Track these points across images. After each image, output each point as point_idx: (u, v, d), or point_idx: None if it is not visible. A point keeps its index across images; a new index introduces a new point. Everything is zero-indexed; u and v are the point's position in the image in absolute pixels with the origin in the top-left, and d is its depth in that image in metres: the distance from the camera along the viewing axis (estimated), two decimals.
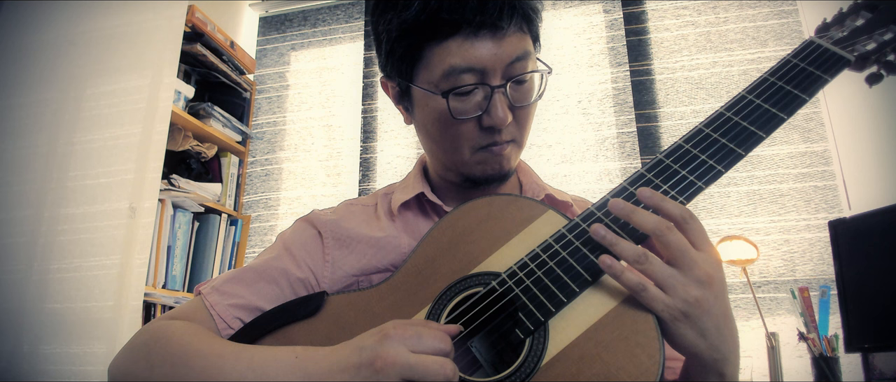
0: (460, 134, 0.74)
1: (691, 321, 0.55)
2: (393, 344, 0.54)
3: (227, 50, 2.28)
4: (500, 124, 0.71)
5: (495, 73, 0.71)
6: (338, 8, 2.62)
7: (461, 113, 0.72)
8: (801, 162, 1.94)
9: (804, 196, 1.91)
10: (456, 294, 0.64)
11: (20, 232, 1.74)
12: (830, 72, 0.64)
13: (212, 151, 2.22)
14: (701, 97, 2.10)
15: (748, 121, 0.63)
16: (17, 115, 1.84)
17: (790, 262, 1.86)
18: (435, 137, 0.77)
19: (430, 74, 0.72)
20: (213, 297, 0.73)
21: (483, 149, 0.75)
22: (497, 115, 0.71)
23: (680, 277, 0.55)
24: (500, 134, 0.73)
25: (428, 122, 0.76)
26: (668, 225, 0.57)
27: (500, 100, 0.71)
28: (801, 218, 1.89)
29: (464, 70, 0.70)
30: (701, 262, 0.55)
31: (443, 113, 0.72)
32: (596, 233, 0.59)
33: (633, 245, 0.58)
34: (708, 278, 0.55)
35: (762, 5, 2.11)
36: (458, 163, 0.78)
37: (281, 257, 0.78)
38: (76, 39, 1.92)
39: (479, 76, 0.70)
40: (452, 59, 0.69)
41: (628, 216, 0.59)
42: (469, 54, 0.69)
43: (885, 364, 1.36)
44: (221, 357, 0.61)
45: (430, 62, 0.71)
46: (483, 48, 0.69)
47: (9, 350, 1.60)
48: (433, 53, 0.71)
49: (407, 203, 0.83)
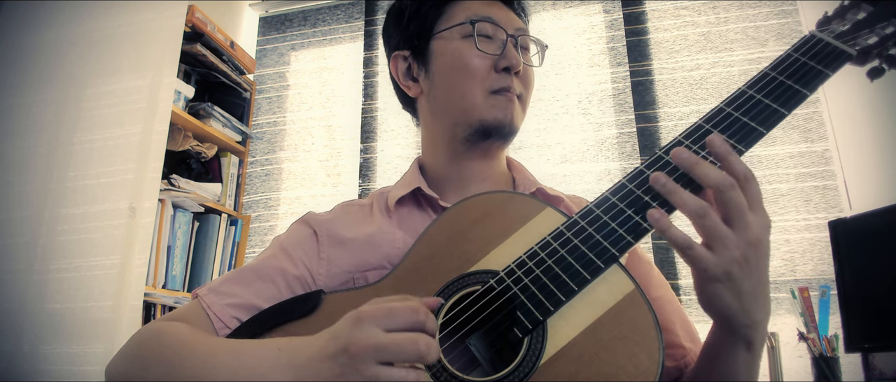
0: (476, 73, 0.81)
1: (732, 282, 0.54)
2: (364, 327, 0.53)
3: (227, 50, 2.28)
4: (515, 64, 0.81)
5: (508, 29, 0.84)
6: (338, 8, 2.62)
7: (483, 46, 0.82)
8: (800, 161, 1.94)
9: (804, 196, 1.91)
10: (454, 292, 0.64)
11: (20, 232, 1.74)
12: (832, 67, 0.63)
13: (212, 151, 2.22)
14: (701, 97, 2.10)
15: (748, 117, 0.62)
16: (18, 115, 1.84)
17: (790, 262, 1.85)
18: (453, 81, 0.83)
19: (453, 21, 0.84)
20: (210, 298, 0.73)
21: (495, 93, 0.82)
22: (513, 55, 0.81)
23: (733, 237, 0.54)
24: (512, 78, 0.82)
25: (446, 67, 0.84)
26: (732, 182, 0.55)
27: (513, 47, 0.82)
28: (801, 218, 1.89)
29: (484, 19, 0.83)
30: (754, 225, 0.55)
31: (462, 51, 0.82)
32: (656, 181, 0.58)
33: (694, 196, 0.56)
34: (757, 241, 0.55)
35: (762, 5, 2.11)
36: (471, 107, 0.82)
37: (277, 256, 0.79)
38: (76, 39, 1.92)
39: (496, 27, 0.83)
40: (474, 9, 0.84)
41: (692, 166, 0.57)
42: (488, 9, 0.84)
43: (885, 364, 1.36)
44: (213, 355, 0.61)
45: (453, 14, 0.85)
46: (498, 9, 0.85)
47: (9, 350, 1.60)
48: (456, 7, 0.85)
49: (403, 198, 0.84)
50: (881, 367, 1.36)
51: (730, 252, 0.54)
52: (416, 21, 0.87)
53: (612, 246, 0.60)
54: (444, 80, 0.84)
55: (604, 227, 0.62)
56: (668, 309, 0.79)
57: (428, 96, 0.88)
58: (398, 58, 0.90)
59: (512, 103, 0.82)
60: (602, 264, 0.60)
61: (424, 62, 0.87)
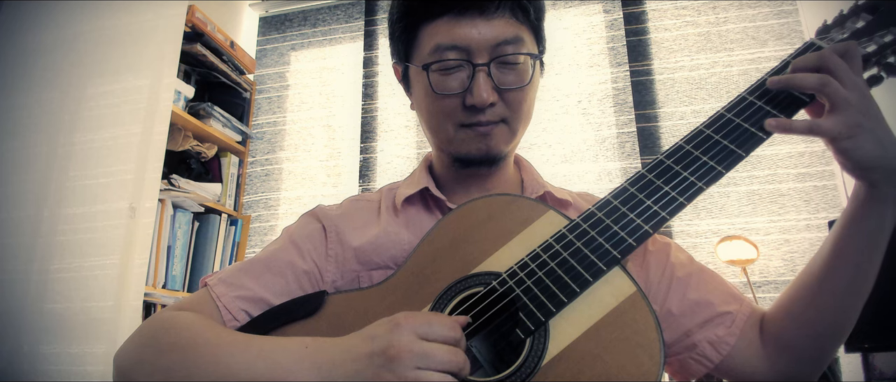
0: (445, 110, 0.77)
1: (866, 132, 0.59)
2: (404, 333, 0.55)
3: (227, 50, 2.28)
4: (480, 103, 0.73)
5: (480, 53, 0.73)
6: (338, 8, 2.62)
7: (443, 88, 0.75)
8: (800, 161, 1.94)
9: (804, 196, 1.91)
10: (456, 294, 0.64)
11: (20, 232, 1.74)
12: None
13: (212, 151, 2.22)
14: (701, 97, 2.10)
15: (749, 123, 0.63)
16: (18, 115, 1.84)
17: (790, 262, 1.86)
18: (424, 115, 0.81)
19: (421, 53, 0.77)
20: (220, 288, 0.73)
21: (467, 127, 0.77)
22: (478, 94, 0.73)
23: (852, 95, 0.60)
24: (483, 113, 0.75)
25: (419, 99, 0.81)
26: (826, 79, 0.60)
27: (483, 80, 0.73)
28: (801, 218, 1.89)
29: (448, 47, 0.74)
30: (861, 83, 0.62)
31: (427, 91, 0.76)
32: (773, 83, 0.64)
33: (812, 74, 0.61)
34: (869, 93, 0.61)
35: (762, 5, 2.11)
36: (445, 141, 0.80)
37: (287, 249, 0.79)
38: (76, 39, 1.92)
39: (463, 54, 0.74)
40: (439, 36, 0.74)
41: (787, 83, 0.63)
42: (454, 32, 0.73)
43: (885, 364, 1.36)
44: (230, 346, 0.61)
45: (422, 41, 0.77)
46: (469, 27, 0.73)
47: (9, 350, 1.60)
48: (424, 33, 0.76)
49: (411, 198, 0.84)
50: (881, 367, 1.37)
51: (853, 106, 0.59)
52: (395, 42, 0.83)
53: (613, 249, 0.61)
54: (420, 110, 0.83)
55: (606, 230, 0.63)
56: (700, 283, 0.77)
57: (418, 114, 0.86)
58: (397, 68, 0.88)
59: (487, 136, 0.77)
60: (604, 266, 0.60)
61: (408, 84, 0.85)
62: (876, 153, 0.60)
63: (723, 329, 0.73)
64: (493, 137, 0.77)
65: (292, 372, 0.57)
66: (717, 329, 0.73)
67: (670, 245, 0.82)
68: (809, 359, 0.71)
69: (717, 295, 0.75)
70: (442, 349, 0.54)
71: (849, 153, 0.60)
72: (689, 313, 0.74)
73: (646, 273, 0.78)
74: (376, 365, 0.54)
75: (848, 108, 0.59)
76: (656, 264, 0.79)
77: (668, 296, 0.76)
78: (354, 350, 0.56)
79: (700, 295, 0.75)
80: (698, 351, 0.73)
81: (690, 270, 0.78)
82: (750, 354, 0.72)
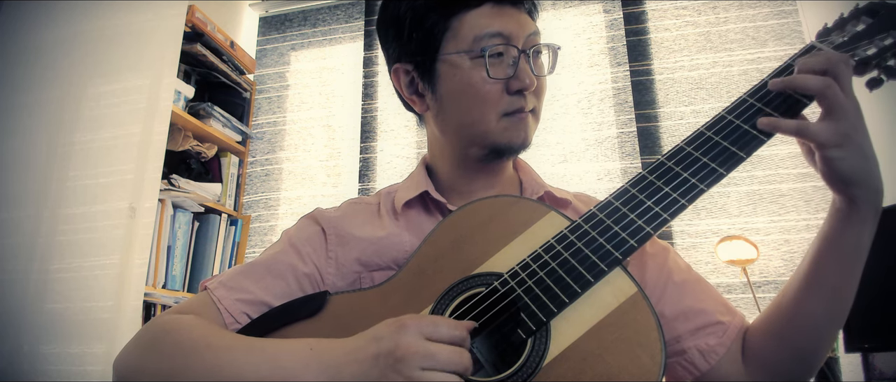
0: (488, 99, 0.77)
1: (854, 145, 0.59)
2: (410, 334, 0.55)
3: (227, 50, 2.28)
4: (529, 85, 0.76)
5: (519, 41, 0.77)
6: (338, 8, 2.62)
7: (495, 70, 0.76)
8: (801, 161, 1.94)
9: (804, 196, 1.91)
10: (458, 294, 0.64)
11: (20, 232, 1.73)
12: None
13: (212, 151, 2.22)
14: (701, 97, 2.10)
15: (750, 125, 0.64)
16: (18, 115, 1.84)
17: (790, 262, 1.86)
18: (463, 106, 0.79)
19: (460, 43, 0.77)
20: (220, 292, 0.73)
21: (508, 116, 0.78)
22: (526, 75, 0.76)
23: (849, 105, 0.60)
24: (525, 99, 0.78)
25: (456, 92, 0.79)
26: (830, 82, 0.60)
27: (526, 65, 0.77)
28: (801, 219, 1.89)
29: (493, 35, 0.76)
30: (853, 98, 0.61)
31: (473, 78, 0.76)
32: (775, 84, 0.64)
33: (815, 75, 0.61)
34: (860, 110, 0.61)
35: (762, 5, 2.11)
36: (484, 132, 0.79)
37: (287, 252, 0.79)
38: (76, 39, 1.91)
39: (506, 41, 0.76)
40: (483, 24, 0.76)
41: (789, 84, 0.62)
42: (498, 21, 0.76)
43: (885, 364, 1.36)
44: (234, 349, 0.61)
45: (459, 31, 0.77)
46: (508, 17, 0.77)
47: (9, 350, 1.60)
48: (462, 22, 0.77)
49: (410, 201, 0.83)
50: (881, 367, 1.37)
51: (849, 116, 0.59)
52: (419, 35, 0.79)
53: (615, 250, 0.61)
54: (455, 105, 0.79)
55: (607, 231, 0.63)
56: (695, 291, 0.77)
57: (436, 116, 0.83)
58: (400, 70, 0.84)
59: (525, 122, 0.78)
60: (605, 267, 0.60)
61: (431, 81, 0.81)
62: (861, 167, 0.60)
63: (714, 338, 0.73)
64: (529, 126, 0.80)
65: (298, 374, 0.57)
66: (709, 339, 0.73)
67: (669, 249, 0.83)
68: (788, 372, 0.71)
69: (712, 305, 0.76)
70: (447, 349, 0.55)
71: (835, 162, 0.60)
72: (682, 318, 0.75)
73: (643, 274, 0.79)
74: (382, 366, 0.54)
75: (843, 117, 0.59)
76: (654, 266, 0.79)
77: (663, 299, 0.76)
78: (360, 352, 0.56)
79: (695, 302, 0.76)
80: (686, 358, 0.73)
81: (687, 277, 0.79)
82: (731, 369, 0.73)
